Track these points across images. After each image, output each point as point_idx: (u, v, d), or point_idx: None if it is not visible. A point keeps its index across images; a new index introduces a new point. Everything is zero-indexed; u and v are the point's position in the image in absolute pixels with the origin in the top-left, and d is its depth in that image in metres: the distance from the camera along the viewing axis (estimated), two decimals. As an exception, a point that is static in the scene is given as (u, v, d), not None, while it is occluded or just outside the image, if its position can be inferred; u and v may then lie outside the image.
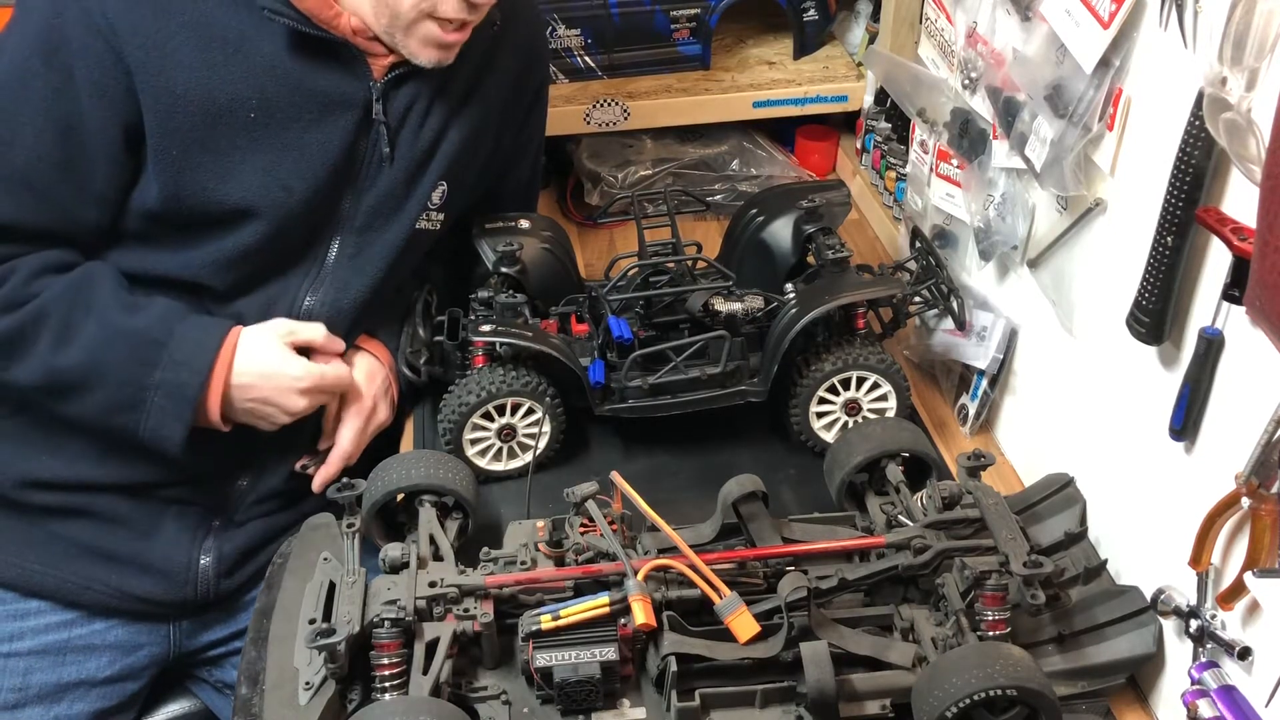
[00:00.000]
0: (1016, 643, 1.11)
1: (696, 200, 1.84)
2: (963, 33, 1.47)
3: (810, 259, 1.55)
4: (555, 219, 1.71)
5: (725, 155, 2.08)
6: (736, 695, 1.11)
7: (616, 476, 1.19)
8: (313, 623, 1.12)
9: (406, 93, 1.41)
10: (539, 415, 1.42)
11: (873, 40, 1.98)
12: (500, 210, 1.59)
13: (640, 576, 1.12)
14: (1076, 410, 1.33)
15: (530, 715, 1.12)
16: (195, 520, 1.47)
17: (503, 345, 1.40)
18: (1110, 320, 1.20)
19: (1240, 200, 0.99)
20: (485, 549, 1.20)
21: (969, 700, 1.02)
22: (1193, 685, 1.07)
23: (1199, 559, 1.06)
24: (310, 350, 1.41)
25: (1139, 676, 1.21)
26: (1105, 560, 1.23)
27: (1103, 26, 1.13)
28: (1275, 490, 0.97)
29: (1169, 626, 1.15)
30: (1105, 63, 1.16)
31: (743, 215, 1.63)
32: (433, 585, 1.14)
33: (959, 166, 1.54)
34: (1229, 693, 1.04)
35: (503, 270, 1.50)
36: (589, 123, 1.98)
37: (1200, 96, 0.97)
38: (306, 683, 1.10)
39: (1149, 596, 1.16)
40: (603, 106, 1.97)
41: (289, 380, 1.36)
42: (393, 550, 1.17)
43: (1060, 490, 1.31)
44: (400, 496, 1.28)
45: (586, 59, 2.03)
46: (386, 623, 1.09)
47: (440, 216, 1.49)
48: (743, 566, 1.19)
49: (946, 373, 1.61)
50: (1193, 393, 1.06)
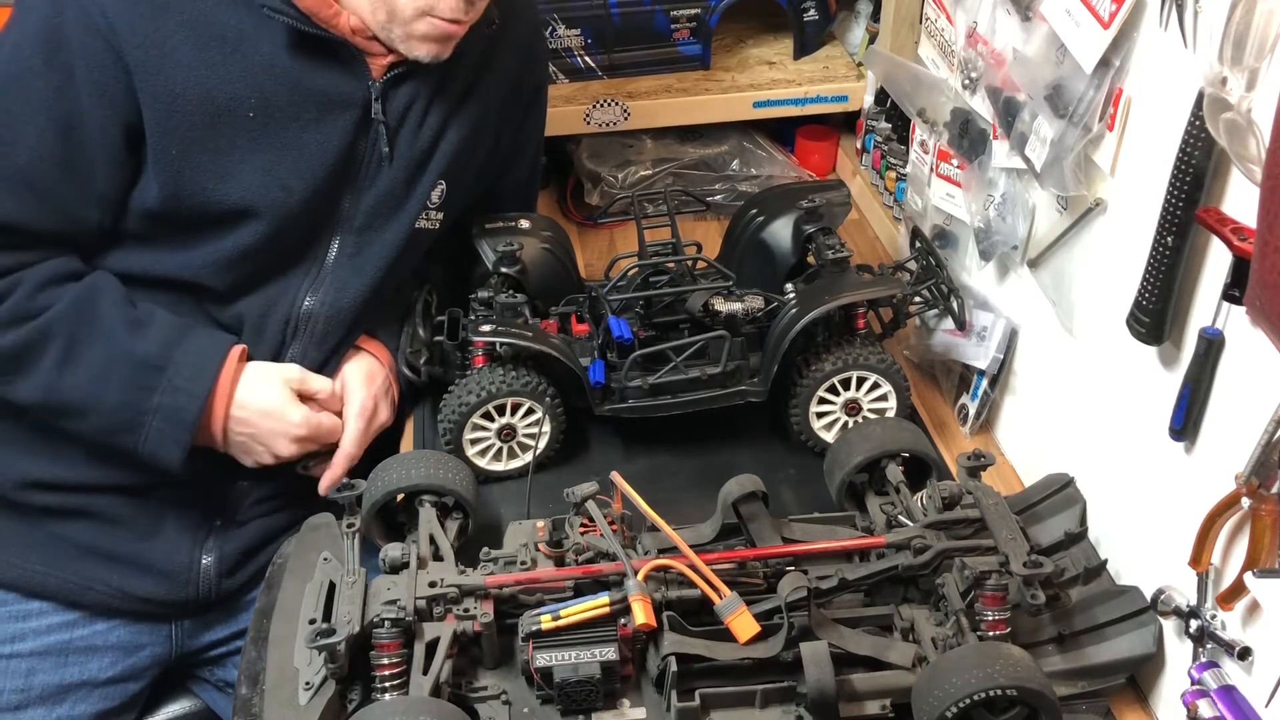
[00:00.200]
0: (1016, 643, 1.11)
1: (696, 200, 1.83)
2: (963, 33, 1.47)
3: (810, 259, 1.55)
4: (555, 219, 1.71)
5: (725, 155, 2.08)
6: (736, 695, 1.11)
7: (616, 476, 1.19)
8: (313, 623, 1.12)
9: (405, 92, 1.41)
10: (539, 415, 1.42)
11: (873, 40, 1.98)
12: (499, 210, 1.59)
13: (640, 576, 1.12)
14: (1076, 410, 1.33)
15: (530, 715, 1.12)
16: (196, 520, 1.47)
17: (503, 345, 1.40)
18: (1110, 320, 1.20)
19: (1240, 200, 0.99)
20: (485, 549, 1.20)
21: (969, 700, 1.01)
22: (1193, 685, 1.07)
23: (1199, 559, 1.06)
24: (309, 398, 1.42)
25: (1139, 676, 1.21)
26: (1105, 560, 1.23)
27: (1103, 26, 1.13)
28: (1275, 490, 0.97)
29: (1169, 626, 1.15)
30: (1105, 63, 1.16)
31: (743, 215, 1.63)
32: (433, 585, 1.14)
33: (959, 166, 1.53)
34: (1229, 693, 1.04)
35: (503, 270, 1.50)
36: (589, 123, 1.98)
37: (1200, 96, 0.97)
38: (306, 683, 1.10)
39: (1149, 596, 1.16)
40: (603, 106, 1.97)
41: (287, 425, 1.38)
42: (393, 550, 1.17)
43: (1060, 490, 1.31)
44: (400, 496, 1.28)
45: (586, 59, 2.02)
46: (386, 623, 1.09)
47: (439, 216, 1.49)
48: (743, 566, 1.19)
49: (946, 373, 1.61)
50: (1193, 393, 1.06)
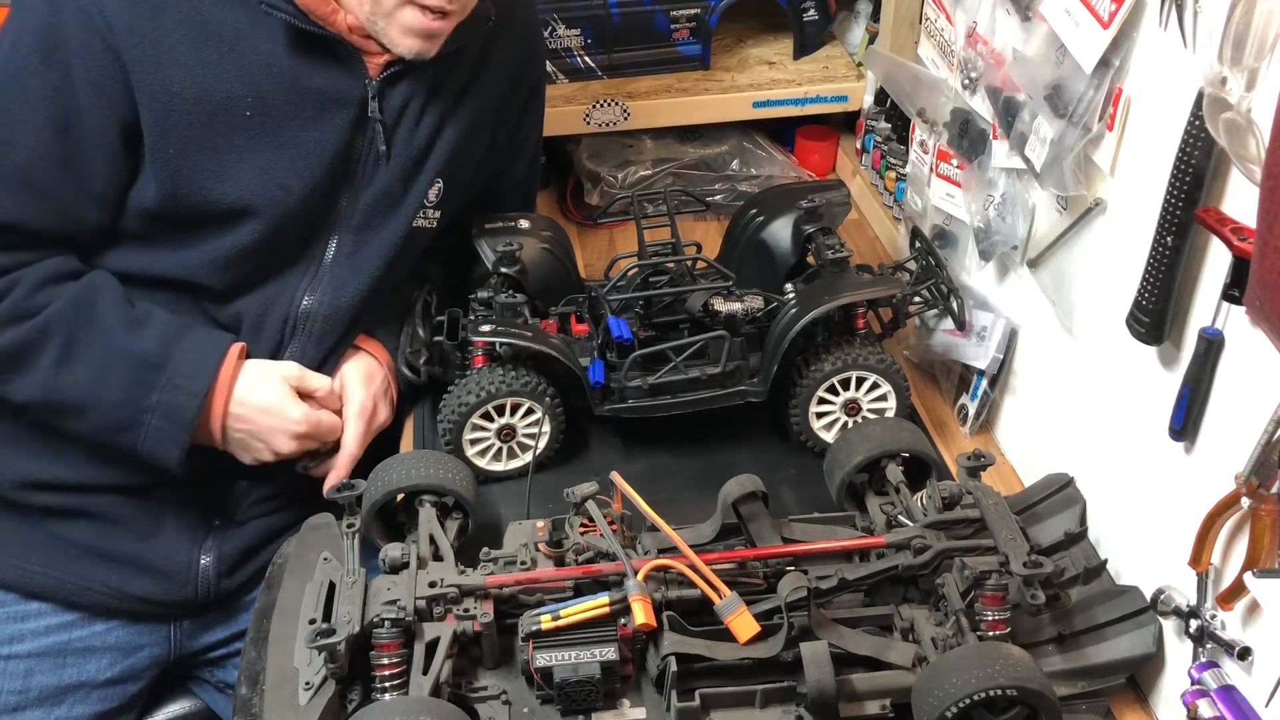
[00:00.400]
0: (1016, 643, 1.11)
1: (696, 200, 1.83)
2: (963, 33, 1.47)
3: (810, 259, 1.55)
4: (555, 219, 1.71)
5: (725, 155, 2.08)
6: (736, 695, 1.11)
7: (616, 476, 1.19)
8: (313, 623, 1.12)
9: (402, 90, 1.41)
10: (539, 415, 1.42)
11: (873, 40, 1.98)
12: (498, 209, 1.59)
13: (640, 576, 1.12)
14: (1076, 410, 1.33)
15: (530, 715, 1.12)
16: (195, 520, 1.47)
17: (502, 345, 1.40)
18: (1110, 320, 1.20)
19: (1240, 200, 0.99)
20: (485, 549, 1.20)
21: (969, 700, 1.01)
22: (1193, 685, 1.07)
23: (1199, 559, 1.06)
24: (308, 396, 1.42)
25: (1139, 676, 1.21)
26: (1105, 560, 1.23)
27: (1103, 26, 1.13)
28: (1275, 490, 0.97)
29: (1169, 626, 1.15)
30: (1105, 63, 1.16)
31: (743, 215, 1.63)
32: (433, 585, 1.14)
33: (959, 166, 1.53)
34: (1229, 693, 1.04)
35: (502, 270, 1.50)
36: (589, 123, 1.98)
37: (1200, 96, 0.97)
38: (306, 683, 1.10)
39: (1149, 596, 1.16)
40: (603, 106, 1.97)
41: (286, 422, 1.37)
42: (393, 550, 1.17)
43: (1060, 490, 1.31)
44: (400, 496, 1.28)
45: (586, 59, 2.02)
46: (386, 623, 1.09)
47: (437, 214, 1.49)
48: (743, 566, 1.18)
49: (946, 373, 1.61)
50: (1193, 393, 1.06)
